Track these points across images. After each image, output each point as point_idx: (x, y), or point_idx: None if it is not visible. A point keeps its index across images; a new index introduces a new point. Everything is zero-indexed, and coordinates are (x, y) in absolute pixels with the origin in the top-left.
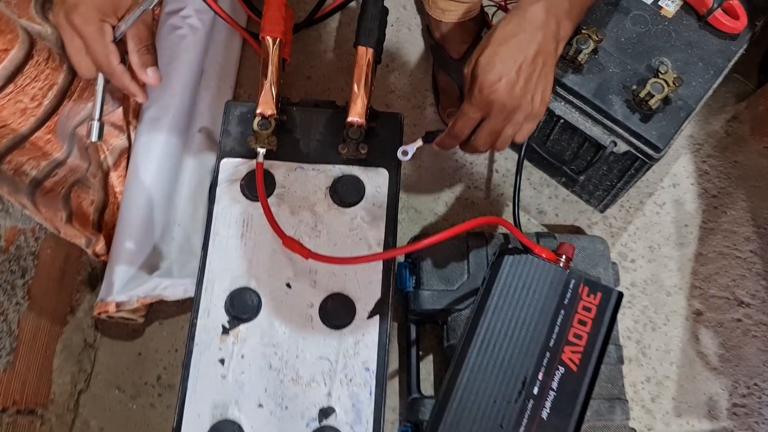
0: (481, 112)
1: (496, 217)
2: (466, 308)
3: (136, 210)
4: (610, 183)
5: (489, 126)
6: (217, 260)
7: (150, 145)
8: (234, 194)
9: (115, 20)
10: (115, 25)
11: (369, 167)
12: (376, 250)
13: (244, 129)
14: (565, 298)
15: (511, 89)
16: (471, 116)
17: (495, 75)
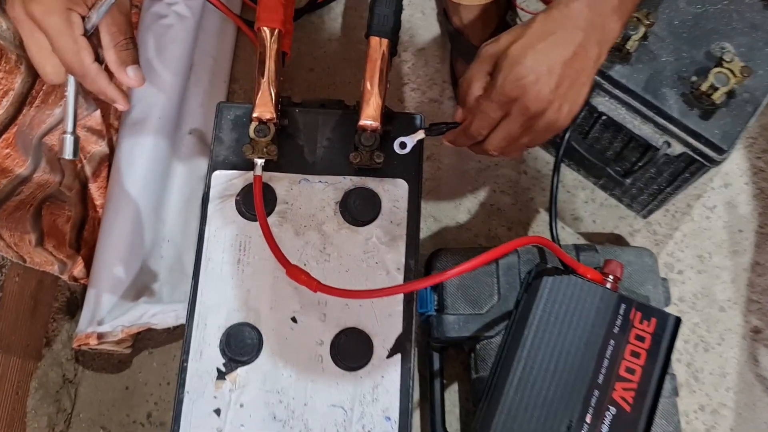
0: (501, 110)
1: (539, 236)
2: (497, 335)
3: (120, 226)
4: (657, 187)
5: (506, 129)
6: (209, 291)
7: (134, 151)
8: (228, 213)
9: (85, 9)
10: (85, 15)
11: (385, 178)
12: (395, 276)
13: (239, 135)
14: (615, 326)
15: (539, 90)
16: (490, 114)
17: (525, 70)
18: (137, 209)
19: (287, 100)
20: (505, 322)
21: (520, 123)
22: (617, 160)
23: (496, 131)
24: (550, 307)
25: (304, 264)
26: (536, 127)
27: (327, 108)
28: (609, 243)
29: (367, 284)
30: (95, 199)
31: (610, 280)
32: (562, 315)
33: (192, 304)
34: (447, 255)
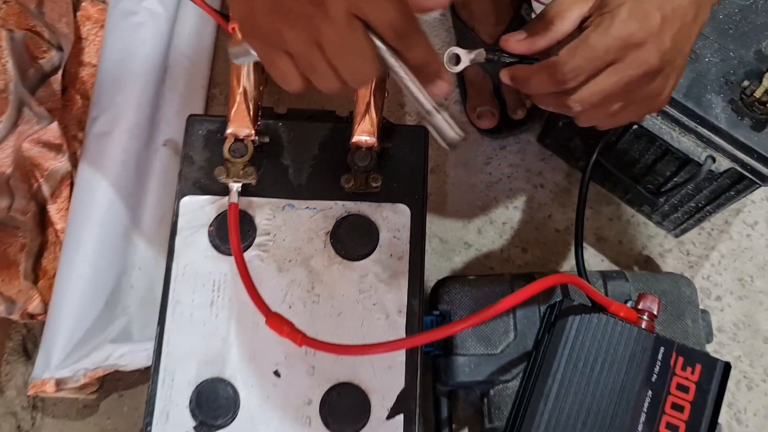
0: (612, 54)
1: (566, 274)
2: (513, 379)
3: (82, 253)
4: (695, 205)
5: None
6: (177, 340)
7: (99, 168)
8: (200, 246)
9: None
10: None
11: (384, 203)
12: (395, 320)
13: (212, 154)
14: (653, 374)
15: (662, 42)
16: (599, 55)
17: (653, 9)
18: (103, 233)
19: (269, 112)
20: (523, 364)
21: (628, 79)
22: (648, 175)
23: (595, 82)
24: (577, 351)
25: (289, 306)
26: (637, 94)
27: (316, 120)
28: (638, 267)
29: (362, 330)
30: (55, 223)
31: (645, 318)
32: (591, 360)
33: (157, 355)
34: (456, 285)
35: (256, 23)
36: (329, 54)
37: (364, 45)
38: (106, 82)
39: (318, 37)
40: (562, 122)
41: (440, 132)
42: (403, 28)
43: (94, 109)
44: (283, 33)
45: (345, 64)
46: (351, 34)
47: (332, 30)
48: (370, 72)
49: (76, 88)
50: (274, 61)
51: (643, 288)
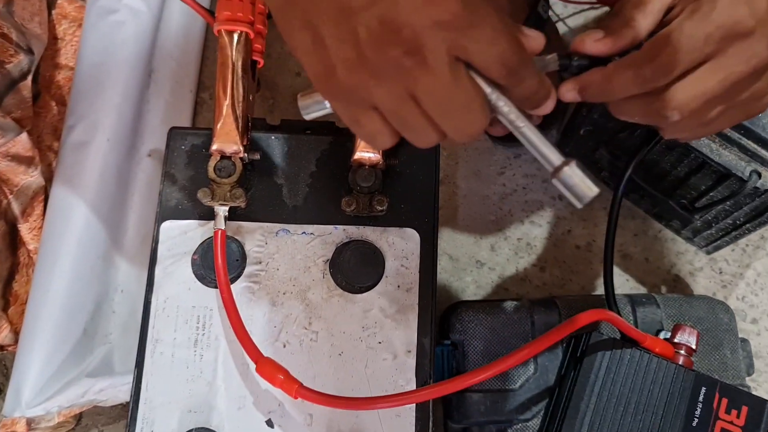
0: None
1: (598, 311)
2: (534, 417)
3: (58, 275)
4: (732, 222)
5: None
6: (158, 385)
7: (76, 181)
8: (182, 277)
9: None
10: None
11: (389, 228)
12: (404, 360)
13: (196, 172)
14: (694, 417)
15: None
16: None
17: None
18: (81, 254)
19: (260, 123)
20: (545, 401)
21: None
22: (679, 189)
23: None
24: (608, 391)
25: (283, 345)
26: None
27: (312, 133)
28: (666, 287)
29: (366, 372)
30: (27, 243)
31: (682, 353)
32: (624, 402)
33: (134, 402)
34: (469, 312)
35: (337, 81)
36: (429, 107)
37: (471, 93)
38: (84, 87)
39: (414, 90)
40: (584, 130)
41: (570, 188)
42: (514, 62)
43: (70, 116)
44: (371, 90)
45: (449, 117)
46: (455, 83)
47: (432, 80)
48: (480, 123)
49: (51, 94)
50: (359, 120)
51: (676, 314)
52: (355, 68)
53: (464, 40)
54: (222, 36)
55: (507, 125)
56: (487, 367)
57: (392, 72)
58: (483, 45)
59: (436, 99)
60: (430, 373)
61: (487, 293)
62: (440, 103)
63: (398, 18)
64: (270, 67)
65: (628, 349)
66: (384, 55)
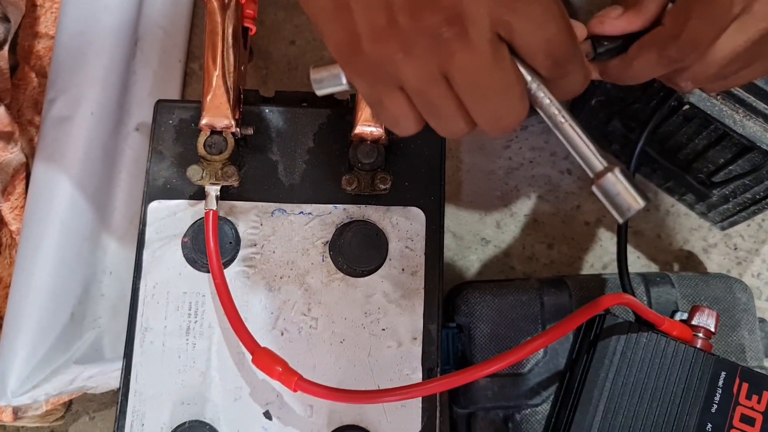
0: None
1: (618, 295)
2: (543, 402)
3: (43, 257)
4: (752, 197)
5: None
6: (148, 376)
7: (59, 157)
8: (172, 261)
9: None
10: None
11: (393, 207)
12: (409, 348)
13: (185, 149)
14: (713, 403)
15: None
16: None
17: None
18: (66, 234)
19: (254, 96)
20: (555, 385)
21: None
22: (696, 162)
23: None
24: (624, 376)
25: (281, 333)
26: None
27: (310, 105)
28: (678, 264)
29: (369, 361)
30: (9, 224)
31: (701, 336)
32: (640, 387)
33: (123, 395)
34: (475, 294)
35: (362, 53)
36: (462, 89)
37: (512, 76)
38: (65, 58)
39: (448, 67)
40: (595, 100)
41: (612, 198)
42: (563, 52)
43: (51, 89)
44: (399, 65)
45: (483, 102)
46: (495, 62)
47: (470, 56)
48: (517, 113)
49: (30, 65)
50: (382, 101)
51: (692, 294)
52: (384, 37)
53: (510, 15)
54: (210, 1)
55: (545, 119)
56: (499, 358)
57: (426, 44)
58: (530, 25)
59: (471, 78)
60: (438, 362)
61: (493, 272)
62: (476, 84)
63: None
64: (263, 34)
65: (644, 332)
66: (419, 22)
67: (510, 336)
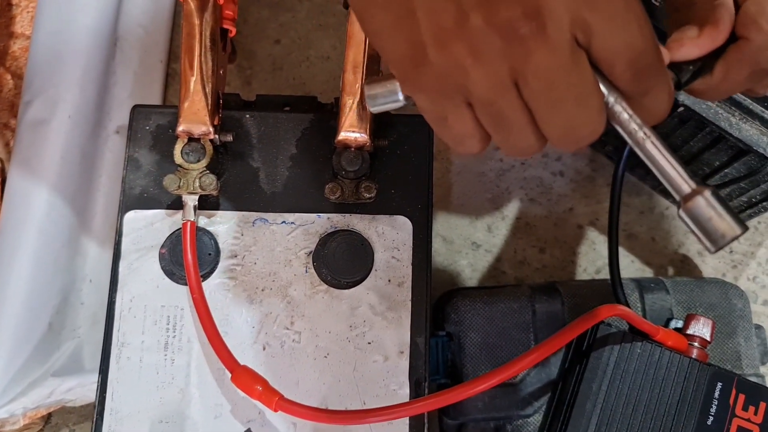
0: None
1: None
2: (535, 413)
3: (19, 265)
4: (748, 200)
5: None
6: (125, 393)
7: (36, 162)
8: (150, 273)
9: None
10: None
11: (379, 216)
12: (396, 362)
13: (162, 156)
14: (709, 415)
15: None
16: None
17: None
18: (44, 241)
19: (234, 100)
20: (547, 395)
21: None
22: (691, 165)
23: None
24: (617, 387)
25: (263, 347)
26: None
27: (293, 109)
28: (673, 268)
29: (355, 376)
30: None
31: (696, 346)
32: (634, 399)
33: (99, 414)
34: (465, 301)
35: (426, 63)
36: (535, 96)
37: (591, 83)
38: (42, 59)
39: (521, 71)
40: None
41: (703, 224)
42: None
43: (27, 91)
44: (468, 71)
45: (558, 109)
46: (574, 64)
47: (547, 57)
48: (595, 126)
49: (6, 66)
50: (447, 118)
51: (687, 300)
52: (452, 41)
53: (590, 12)
54: (187, 2)
55: (625, 136)
56: (490, 375)
57: (498, 44)
58: (611, 26)
59: (547, 81)
60: (426, 376)
61: (484, 277)
62: (551, 88)
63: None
64: (246, 33)
65: (638, 342)
66: (493, 18)
67: (501, 345)
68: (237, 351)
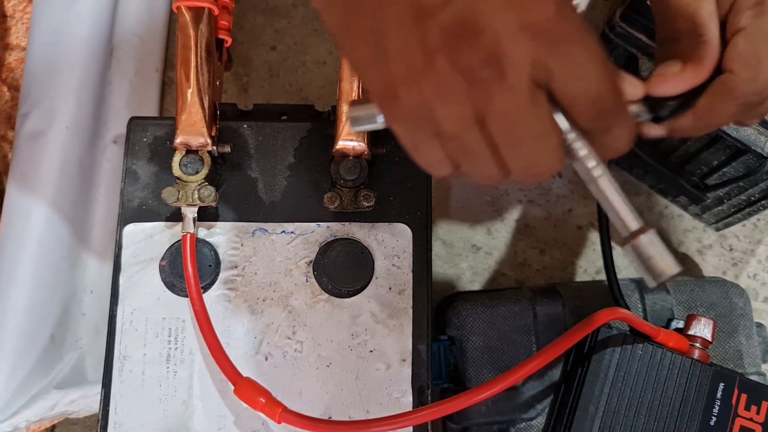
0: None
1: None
2: (538, 416)
3: (19, 278)
4: (747, 199)
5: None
6: (128, 406)
7: (34, 174)
8: (150, 286)
9: None
10: None
11: (379, 224)
12: (398, 370)
13: (160, 168)
14: (711, 415)
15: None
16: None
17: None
18: (43, 253)
19: (231, 110)
20: (549, 398)
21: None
22: (689, 164)
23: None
24: (619, 390)
25: (265, 358)
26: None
27: (290, 119)
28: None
29: (357, 385)
30: None
31: (697, 346)
32: (637, 401)
33: (103, 428)
34: (466, 306)
35: (398, 98)
36: (497, 133)
37: (548, 124)
38: (37, 70)
39: (483, 111)
40: None
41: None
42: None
43: (24, 103)
44: (435, 108)
45: (518, 148)
46: (532, 106)
47: (507, 99)
48: (552, 164)
49: (2, 78)
50: (418, 146)
51: (688, 300)
52: (420, 80)
53: (551, 58)
54: (182, 13)
55: (580, 172)
56: (494, 382)
57: (462, 85)
58: (571, 70)
59: (506, 123)
60: (428, 383)
61: (485, 279)
62: (511, 129)
63: (479, 18)
64: (243, 40)
65: (639, 344)
66: (456, 62)
67: (503, 348)
68: (239, 362)
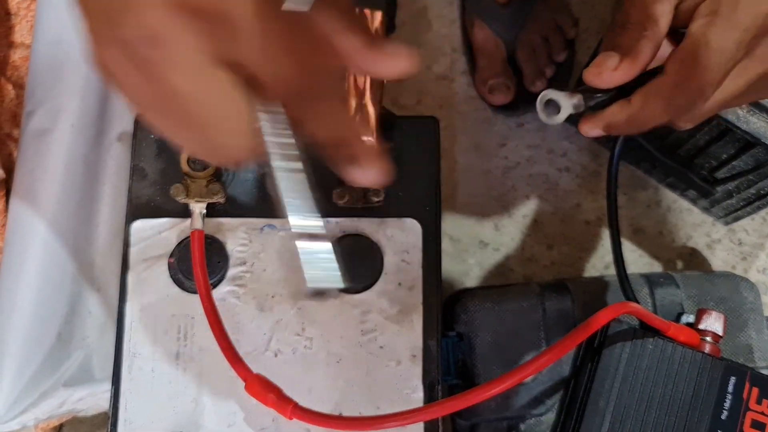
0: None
1: (622, 305)
2: (548, 411)
3: (26, 276)
4: (756, 192)
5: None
6: (138, 403)
7: (40, 172)
8: (159, 283)
9: None
10: None
11: (387, 219)
12: (408, 367)
13: (168, 165)
14: (723, 409)
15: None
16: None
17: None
18: (50, 252)
19: None
20: (559, 393)
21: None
22: (697, 157)
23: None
24: (630, 384)
25: (274, 354)
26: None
27: None
28: (682, 261)
29: (368, 381)
30: None
31: (708, 341)
32: (648, 395)
33: (113, 425)
34: (474, 301)
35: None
36: (176, 114)
37: (231, 108)
38: (42, 68)
39: (165, 89)
40: None
41: None
42: (301, 87)
43: (29, 101)
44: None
45: (192, 133)
46: (207, 91)
47: (180, 82)
48: (238, 151)
49: (7, 76)
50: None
51: (697, 294)
52: (106, 44)
53: (231, 46)
54: None
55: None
56: (504, 378)
57: (133, 63)
58: (258, 57)
59: (181, 103)
60: (439, 379)
61: (492, 275)
62: (191, 106)
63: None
64: None
65: (650, 338)
66: (119, 35)
67: (512, 344)
68: (249, 358)
